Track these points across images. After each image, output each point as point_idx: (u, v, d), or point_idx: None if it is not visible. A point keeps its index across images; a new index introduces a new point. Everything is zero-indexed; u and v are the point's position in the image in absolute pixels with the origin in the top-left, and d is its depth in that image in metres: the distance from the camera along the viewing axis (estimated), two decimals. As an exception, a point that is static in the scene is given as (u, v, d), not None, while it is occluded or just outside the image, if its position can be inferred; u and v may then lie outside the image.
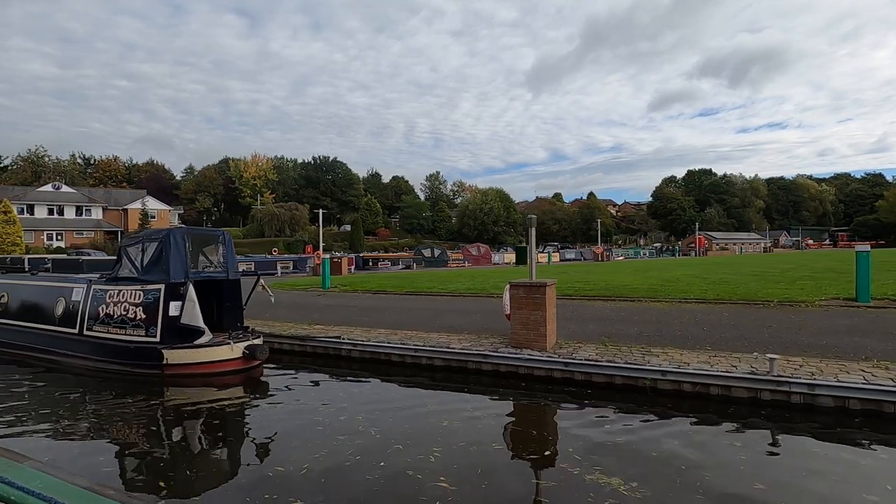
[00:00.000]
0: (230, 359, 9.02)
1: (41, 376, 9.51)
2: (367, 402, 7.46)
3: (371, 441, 5.84)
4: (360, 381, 8.82)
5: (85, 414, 7.81)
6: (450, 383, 8.35)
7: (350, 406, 7.20)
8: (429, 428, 6.30)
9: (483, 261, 47.21)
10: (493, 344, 9.08)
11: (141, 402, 8.00)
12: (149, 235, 9.60)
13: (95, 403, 8.19)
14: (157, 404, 8.05)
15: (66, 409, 7.89)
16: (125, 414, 7.52)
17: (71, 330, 9.96)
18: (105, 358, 9.39)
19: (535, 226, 8.91)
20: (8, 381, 9.38)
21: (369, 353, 9.64)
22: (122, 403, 7.97)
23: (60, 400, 8.31)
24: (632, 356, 7.92)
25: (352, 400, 7.59)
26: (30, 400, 8.30)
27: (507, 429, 6.39)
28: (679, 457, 5.26)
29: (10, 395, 8.65)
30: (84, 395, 8.61)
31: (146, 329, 9.00)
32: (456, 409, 7.06)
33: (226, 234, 10.36)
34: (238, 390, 8.86)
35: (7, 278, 11.89)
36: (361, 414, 6.81)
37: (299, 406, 7.44)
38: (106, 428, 7.03)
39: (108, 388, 8.66)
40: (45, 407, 7.92)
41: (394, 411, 7.01)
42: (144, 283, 9.15)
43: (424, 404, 7.31)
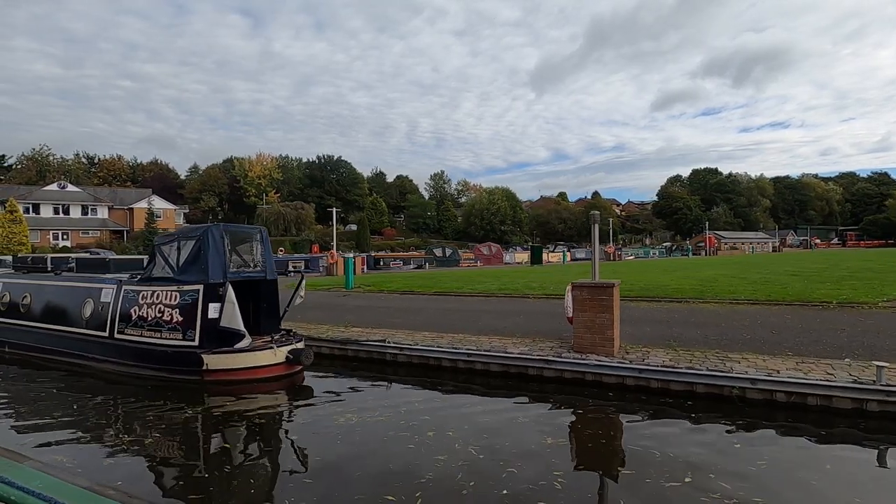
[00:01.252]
0: (273, 364, 8.50)
1: (69, 381, 9.02)
2: (422, 410, 6.94)
3: (431, 454, 5.37)
4: (409, 387, 8.31)
5: (117, 420, 7.34)
6: (507, 390, 7.84)
7: (404, 415, 6.70)
8: (498, 439, 5.78)
9: (495, 260, 46.64)
10: (553, 348, 8.55)
11: (177, 410, 7.52)
12: (185, 233, 9.07)
13: (128, 410, 7.73)
14: (196, 412, 7.56)
15: (96, 415, 7.43)
16: (161, 421, 7.04)
17: (100, 333, 9.44)
18: (139, 363, 8.87)
19: (598, 222, 8.38)
20: (34, 386, 8.89)
21: (417, 357, 9.11)
22: (157, 410, 7.51)
23: (90, 406, 7.83)
24: (709, 362, 7.38)
25: (404, 409, 7.08)
26: (57, 406, 7.80)
27: (586, 441, 5.88)
28: (797, 476, 4.73)
29: (37, 400, 8.19)
30: (116, 400, 8.14)
31: (183, 332, 8.47)
32: (521, 419, 6.59)
33: (263, 232, 9.83)
34: (281, 397, 8.35)
35: (29, 278, 11.37)
36: (417, 424, 6.31)
37: (348, 415, 6.90)
38: (140, 436, 6.53)
39: (142, 395, 8.18)
40: (73, 413, 7.44)
41: (455, 420, 6.48)
42: (181, 283, 8.63)
43: (486, 413, 6.80)
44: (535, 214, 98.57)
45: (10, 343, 11.02)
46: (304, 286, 9.39)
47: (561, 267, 38.13)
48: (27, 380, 9.30)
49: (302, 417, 7.21)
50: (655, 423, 6.26)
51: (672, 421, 6.32)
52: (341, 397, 7.99)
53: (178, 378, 8.46)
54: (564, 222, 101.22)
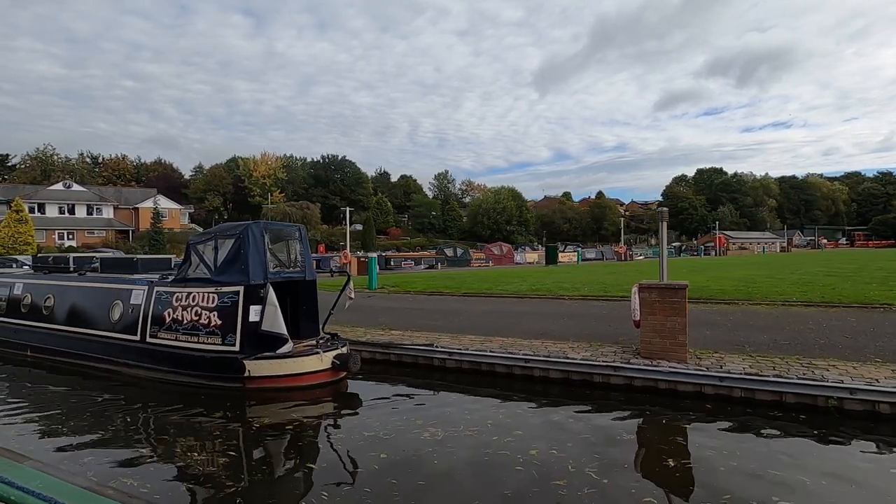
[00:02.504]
0: (318, 370, 7.99)
1: (97, 386, 8.56)
2: (480, 420, 6.44)
3: (498, 470, 4.91)
4: (461, 394, 7.78)
5: (151, 428, 6.89)
6: (569, 398, 7.34)
7: (460, 425, 6.20)
8: (569, 454, 5.27)
9: (506, 260, 46.13)
10: (615, 354, 8.04)
11: (215, 418, 7.06)
12: (223, 231, 8.56)
13: (162, 417, 7.26)
14: (236, 420, 7.09)
15: (127, 423, 6.98)
16: (198, 430, 6.58)
17: (131, 337, 8.93)
18: (174, 369, 8.36)
19: (667, 219, 7.87)
20: (59, 391, 8.42)
21: (468, 362, 8.60)
22: (193, 418, 7.05)
23: (122, 413, 7.38)
24: (794, 370, 6.86)
25: (459, 418, 6.57)
26: (85, 412, 7.39)
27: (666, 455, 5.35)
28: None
29: (62, 406, 7.74)
30: (149, 407, 7.68)
31: (223, 337, 7.96)
32: (587, 430, 6.09)
33: (302, 230, 9.33)
34: (327, 406, 7.86)
35: (51, 279, 10.86)
36: (478, 435, 5.83)
37: (399, 425, 6.40)
38: (175, 445, 6.11)
39: (177, 402, 7.71)
40: (103, 420, 7.01)
41: (518, 429, 5.98)
42: (219, 284, 8.12)
43: (551, 422, 6.30)
44: (540, 214, 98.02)
45: (33, 346, 10.53)
46: (352, 287, 8.87)
47: (577, 267, 37.55)
48: (52, 385, 8.82)
49: (350, 427, 6.69)
50: (745, 438, 5.75)
51: (765, 434, 5.81)
52: (391, 406, 7.49)
53: (217, 385, 7.96)
54: (569, 222, 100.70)
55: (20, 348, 10.72)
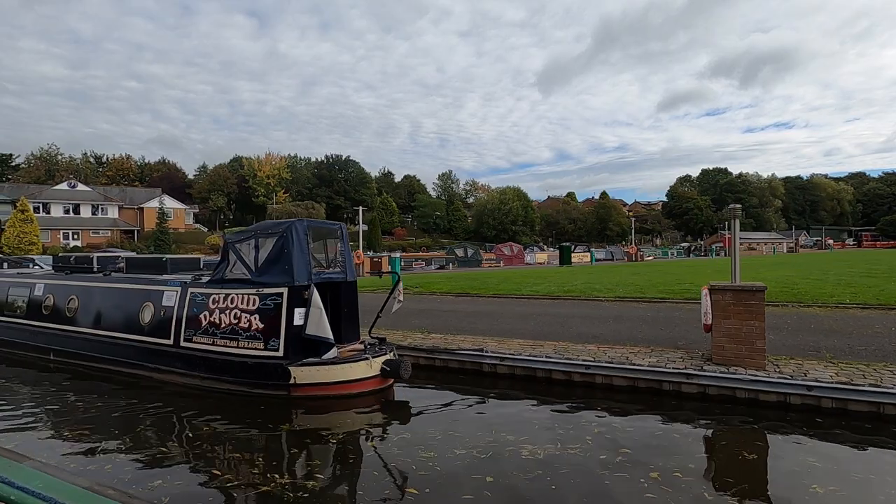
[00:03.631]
0: (367, 377, 7.51)
1: (127, 393, 8.15)
2: (543, 431, 5.98)
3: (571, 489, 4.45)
4: (517, 402, 7.28)
5: (186, 438, 6.45)
6: (637, 407, 6.85)
7: (526, 437, 5.71)
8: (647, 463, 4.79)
9: (516, 261, 45.64)
10: (683, 360, 7.56)
11: (258, 427, 6.62)
12: (264, 229, 8.08)
13: (197, 426, 6.82)
14: (281, 431, 6.63)
15: (159, 431, 6.57)
16: (238, 441, 6.13)
17: (163, 341, 8.46)
18: (211, 375, 7.89)
19: (739, 217, 7.39)
20: (86, 398, 7.95)
21: (522, 368, 8.13)
22: (233, 428, 6.61)
23: (155, 421, 6.94)
24: (884, 377, 6.38)
25: (522, 428, 6.10)
26: (115, 419, 6.99)
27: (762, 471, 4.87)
28: None
29: (91, 413, 7.31)
30: (182, 416, 7.22)
31: (265, 342, 7.49)
32: (671, 442, 5.61)
33: (343, 228, 8.87)
34: (377, 415, 7.37)
35: (74, 279, 10.38)
36: (544, 448, 5.34)
37: (457, 435, 5.95)
38: (213, 456, 5.66)
39: (214, 410, 7.29)
40: (134, 428, 6.59)
41: (588, 443, 5.51)
42: (261, 286, 7.64)
43: (623, 435, 5.81)
44: (545, 214, 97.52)
45: (56, 350, 10.05)
46: (402, 289, 8.39)
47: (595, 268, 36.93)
48: (77, 390, 8.36)
49: (404, 439, 6.16)
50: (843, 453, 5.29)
51: (863, 449, 5.34)
52: (444, 415, 7.04)
53: (259, 393, 7.48)
54: (574, 222, 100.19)
55: (42, 352, 10.25)
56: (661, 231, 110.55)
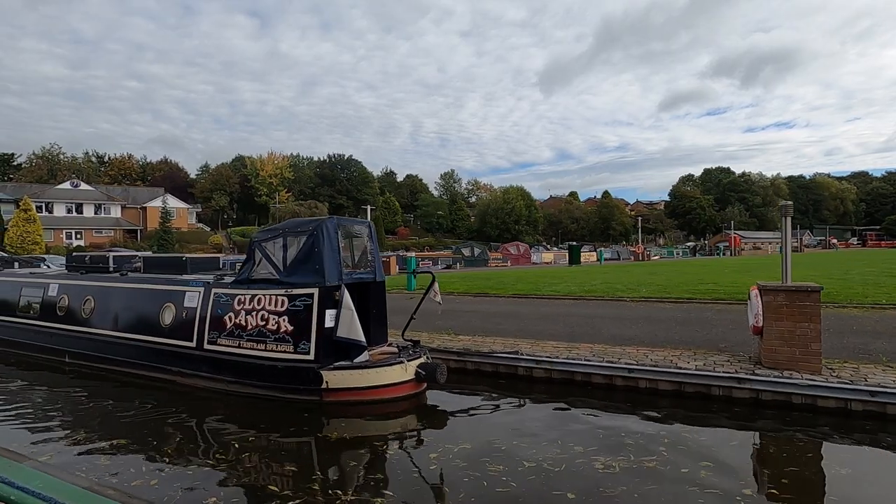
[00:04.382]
0: (402, 382, 7.21)
1: (148, 397, 7.85)
2: (607, 440, 5.68)
3: None
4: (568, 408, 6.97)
5: (210, 444, 6.19)
6: (685, 411, 6.57)
7: (594, 448, 5.40)
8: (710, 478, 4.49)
9: (523, 260, 45.35)
10: (731, 363, 7.26)
11: (288, 434, 6.34)
12: (293, 227, 7.77)
13: (222, 432, 6.54)
14: (311, 438, 6.37)
15: (182, 437, 6.33)
16: (266, 448, 5.86)
17: (186, 343, 8.16)
18: (237, 378, 7.59)
19: (791, 214, 7.09)
20: (105, 403, 7.69)
21: (559, 372, 7.83)
22: (260, 434, 6.30)
23: (175, 427, 6.68)
24: (951, 382, 6.08)
25: (584, 438, 5.80)
26: (134, 425, 6.72)
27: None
28: None
29: (108, 416, 7.09)
30: (205, 421, 6.97)
31: (295, 344, 7.18)
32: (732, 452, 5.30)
33: (372, 226, 8.58)
34: (413, 421, 7.09)
35: (89, 279, 10.08)
36: (616, 460, 5.05)
37: (500, 444, 5.63)
38: (240, 464, 5.39)
39: (240, 415, 7.04)
40: (156, 434, 6.33)
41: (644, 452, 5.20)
42: (290, 286, 7.34)
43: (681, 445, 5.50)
44: (547, 214, 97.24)
45: (71, 352, 9.75)
46: (438, 289, 8.07)
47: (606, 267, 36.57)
48: (95, 394, 8.07)
49: (448, 448, 5.82)
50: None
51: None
52: (488, 421, 6.74)
53: (289, 398, 7.18)
54: (577, 222, 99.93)
55: (57, 354, 9.95)
56: (664, 230, 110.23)
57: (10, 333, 10.87)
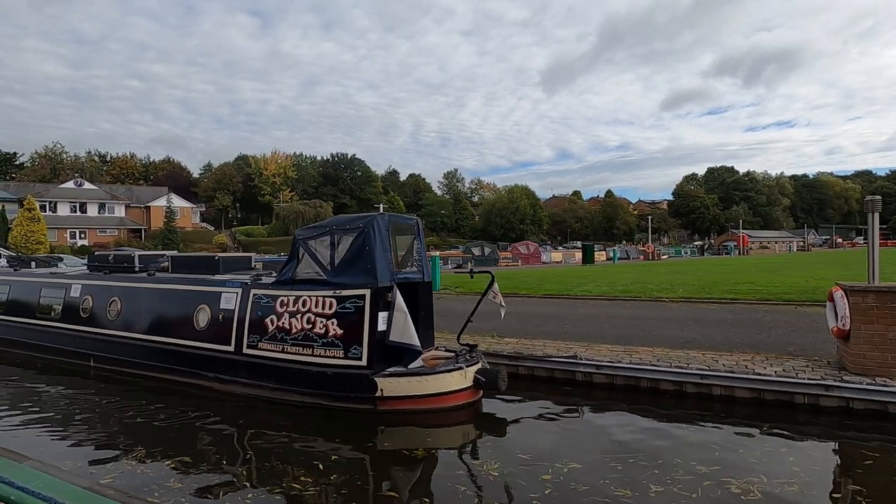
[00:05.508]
0: (461, 389, 6.75)
1: (182, 404, 7.41)
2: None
3: None
4: (630, 417, 6.51)
5: (252, 455, 5.77)
6: (767, 422, 6.12)
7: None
8: None
9: (533, 259, 44.92)
10: (811, 368, 6.81)
11: (338, 446, 5.90)
12: (341, 224, 7.30)
13: (265, 442, 6.08)
14: (366, 451, 5.92)
15: (221, 447, 5.94)
16: (313, 460, 5.41)
17: (223, 347, 7.69)
18: (282, 385, 7.12)
19: (878, 209, 6.64)
20: (134, 407, 7.24)
21: (622, 377, 7.36)
22: (307, 446, 5.91)
23: (214, 436, 6.28)
24: None
25: (637, 448, 5.38)
26: (170, 433, 6.34)
27: None
28: None
29: (143, 422, 6.68)
30: (246, 430, 6.49)
31: (346, 349, 6.72)
32: None
33: (419, 223, 8.13)
34: (468, 430, 6.66)
35: (114, 279, 9.61)
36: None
37: (564, 458, 5.18)
38: (284, 476, 5.00)
39: (284, 424, 6.54)
40: (194, 444, 5.98)
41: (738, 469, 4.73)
42: (338, 287, 6.87)
43: None
44: (552, 213, 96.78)
45: (97, 356, 9.29)
46: (498, 290, 7.58)
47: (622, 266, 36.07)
48: (125, 400, 7.61)
49: (505, 459, 5.34)
50: None
51: None
52: (544, 430, 6.33)
53: (339, 406, 6.71)
54: (581, 221, 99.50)
55: (81, 358, 9.48)
56: (667, 230, 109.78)
57: (29, 336, 10.41)
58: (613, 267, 35.06)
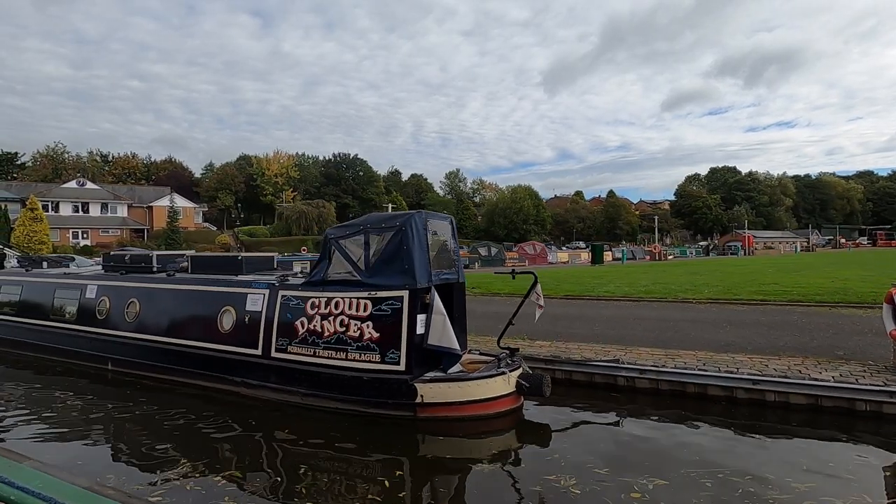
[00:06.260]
0: (504, 395, 6.46)
1: (205, 409, 7.15)
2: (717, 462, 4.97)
3: None
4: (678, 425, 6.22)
5: (283, 464, 5.51)
6: (826, 430, 5.86)
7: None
8: None
9: (539, 259, 44.61)
10: (866, 374, 6.52)
11: (378, 457, 5.61)
12: (376, 222, 7.00)
13: (302, 453, 5.76)
14: (403, 460, 5.66)
15: (251, 455, 5.70)
16: (354, 474, 5.17)
17: (250, 351, 7.40)
18: (314, 391, 6.83)
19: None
20: (161, 415, 6.95)
21: (667, 382, 7.08)
22: (344, 456, 5.63)
23: (240, 443, 6.01)
24: None
25: (690, 458, 5.13)
26: (197, 441, 6.13)
27: None
28: None
29: (168, 429, 6.45)
30: (275, 438, 6.27)
31: (382, 353, 6.43)
32: None
33: (453, 221, 7.84)
34: (510, 438, 6.36)
35: (132, 280, 9.31)
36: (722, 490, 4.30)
37: (615, 468, 4.94)
38: (323, 491, 4.77)
39: (316, 432, 6.26)
40: (221, 451, 5.77)
41: None
42: (374, 288, 6.58)
43: None
44: (554, 213, 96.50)
45: (115, 360, 9.00)
46: (541, 292, 7.29)
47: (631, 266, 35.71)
48: (148, 406, 7.33)
49: (551, 470, 5.04)
50: None
51: None
52: (588, 438, 6.07)
53: (375, 413, 6.42)
54: (583, 221, 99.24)
55: (98, 361, 9.20)
56: (669, 230, 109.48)
57: (43, 338, 10.11)
58: (624, 267, 34.76)
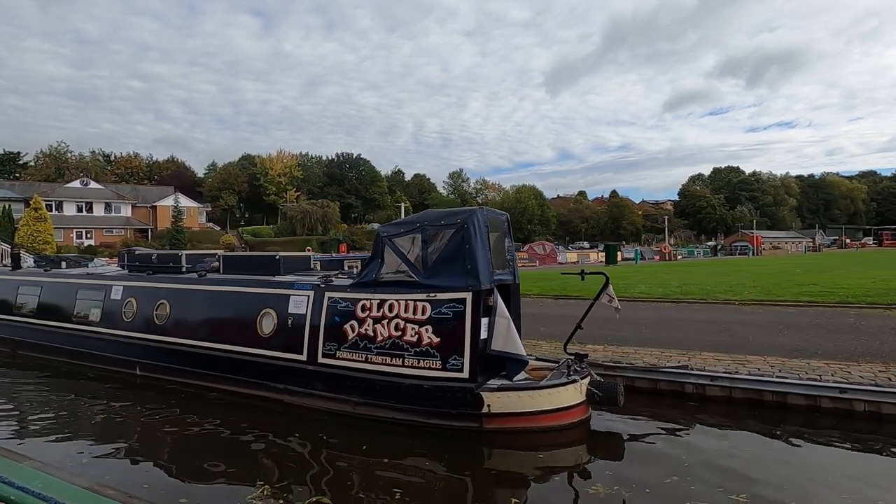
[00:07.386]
0: (575, 405, 6.02)
1: (247, 418, 6.73)
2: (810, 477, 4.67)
3: None
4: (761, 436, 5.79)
5: (334, 479, 5.10)
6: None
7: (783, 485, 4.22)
8: None
9: (549, 259, 44.19)
10: (965, 381, 6.08)
11: (438, 470, 5.20)
12: (434, 219, 6.54)
13: (357, 468, 5.34)
14: (468, 476, 5.27)
15: (304, 466, 5.37)
16: (415, 491, 4.75)
17: (294, 356, 6.96)
18: (368, 400, 6.39)
19: None
20: (200, 424, 6.58)
21: (743, 390, 6.63)
22: (404, 470, 5.25)
23: (291, 454, 5.73)
24: None
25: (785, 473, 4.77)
26: (244, 451, 5.81)
27: None
28: None
29: (204, 441, 6.11)
30: (324, 448, 5.84)
31: (443, 360, 5.98)
32: None
33: (509, 219, 7.40)
34: (581, 451, 5.91)
35: (160, 281, 8.86)
36: None
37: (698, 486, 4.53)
38: None
39: (371, 443, 5.81)
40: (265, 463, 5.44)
41: None
42: (433, 289, 6.14)
43: None
44: (557, 213, 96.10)
45: (143, 364, 8.55)
46: (613, 293, 6.83)
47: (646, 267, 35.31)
48: (183, 413, 6.92)
49: (630, 486, 4.64)
50: None
51: None
52: (664, 451, 5.64)
53: (437, 423, 5.98)
54: (587, 221, 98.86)
55: (125, 365, 8.76)
56: (673, 230, 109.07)
57: (65, 342, 9.66)
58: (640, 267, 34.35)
